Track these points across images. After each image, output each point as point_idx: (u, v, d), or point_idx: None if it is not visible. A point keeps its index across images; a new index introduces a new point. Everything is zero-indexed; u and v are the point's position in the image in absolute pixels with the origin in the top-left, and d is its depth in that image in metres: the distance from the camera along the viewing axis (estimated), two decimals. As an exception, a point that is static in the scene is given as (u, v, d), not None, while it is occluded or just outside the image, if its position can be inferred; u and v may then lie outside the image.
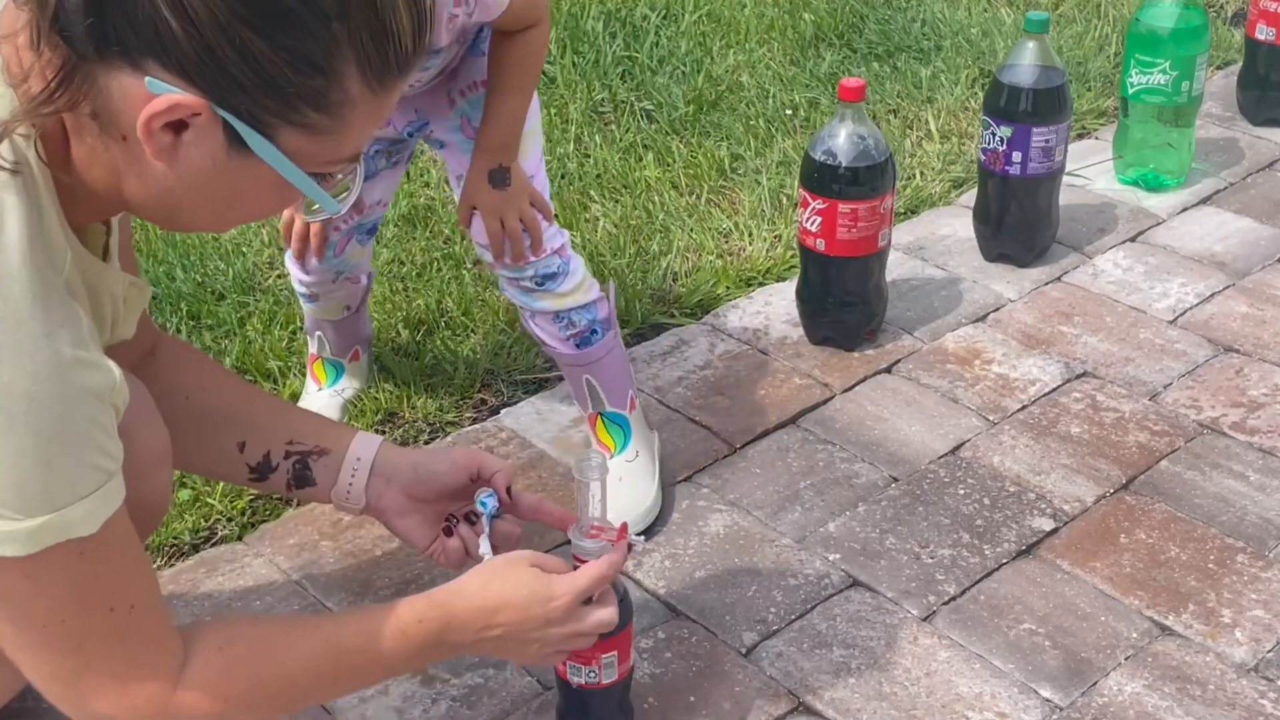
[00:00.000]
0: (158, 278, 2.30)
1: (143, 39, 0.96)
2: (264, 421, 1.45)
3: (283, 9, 0.96)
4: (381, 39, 1.02)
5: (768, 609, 1.71)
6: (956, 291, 2.34)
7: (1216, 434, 2.00)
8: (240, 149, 1.02)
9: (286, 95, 1.00)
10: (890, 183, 2.09)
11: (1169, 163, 2.59)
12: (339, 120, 1.04)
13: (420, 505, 1.46)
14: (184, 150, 1.01)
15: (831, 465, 1.95)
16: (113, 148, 1.03)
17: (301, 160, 1.05)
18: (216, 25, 0.95)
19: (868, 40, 3.15)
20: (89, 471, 1.04)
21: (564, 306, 1.78)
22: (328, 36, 0.99)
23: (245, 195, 1.08)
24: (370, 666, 1.28)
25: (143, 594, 1.14)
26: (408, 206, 2.52)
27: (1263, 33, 2.77)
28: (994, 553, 1.79)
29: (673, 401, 2.08)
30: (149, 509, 1.35)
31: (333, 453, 1.45)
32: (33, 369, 0.99)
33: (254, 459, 1.44)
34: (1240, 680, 1.60)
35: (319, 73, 1.00)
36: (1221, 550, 1.79)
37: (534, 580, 1.31)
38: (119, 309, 1.19)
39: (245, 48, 0.96)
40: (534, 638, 1.31)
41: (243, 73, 0.98)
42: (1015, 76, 2.27)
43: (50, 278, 1.03)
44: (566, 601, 1.31)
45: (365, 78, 1.03)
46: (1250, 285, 2.34)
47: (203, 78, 0.98)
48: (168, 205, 1.08)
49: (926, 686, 1.60)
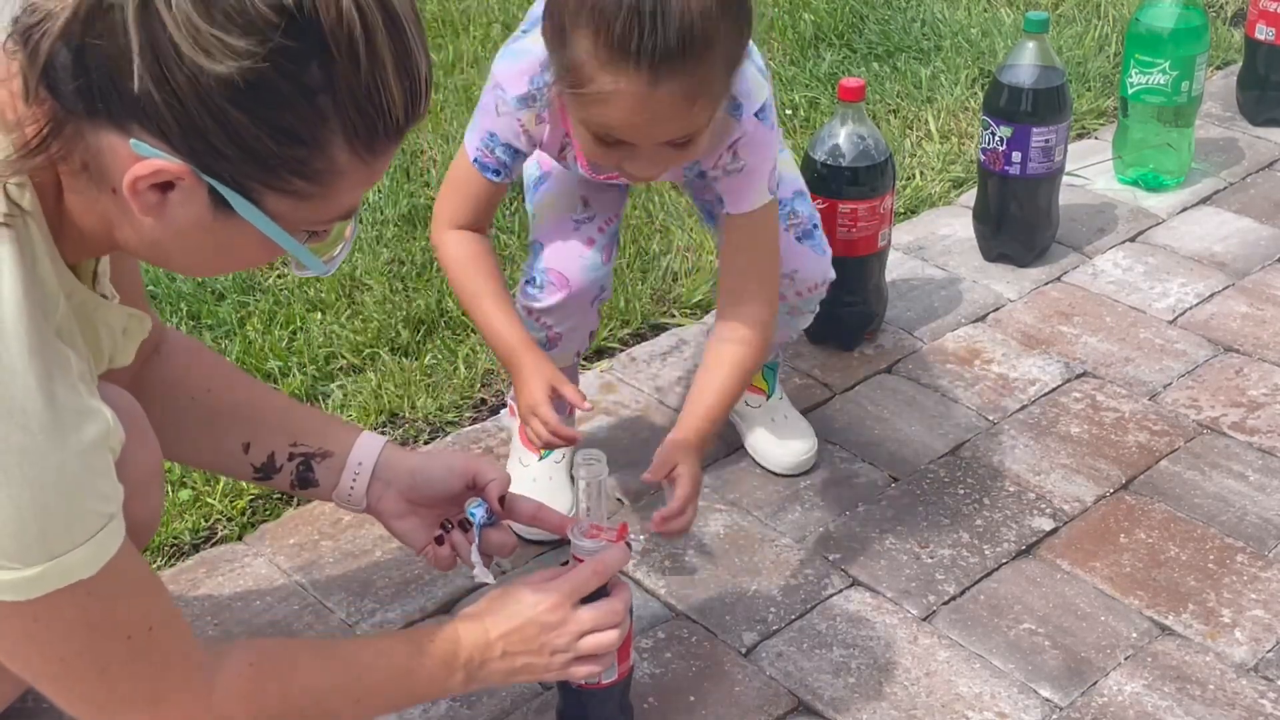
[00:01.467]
0: (158, 277, 2.30)
1: (127, 104, 0.96)
2: (269, 422, 1.46)
3: (265, 83, 0.95)
4: (370, 112, 1.00)
5: (768, 609, 1.71)
6: (956, 291, 2.34)
7: (1216, 434, 2.00)
8: (226, 210, 1.02)
9: (270, 165, 0.99)
10: (890, 183, 2.09)
11: (1169, 163, 2.60)
12: (326, 187, 1.03)
13: (418, 508, 1.47)
14: (171, 209, 1.01)
15: (831, 465, 1.95)
16: (103, 199, 1.03)
17: (287, 222, 1.04)
18: (196, 97, 0.95)
19: (868, 40, 3.15)
20: (86, 518, 1.04)
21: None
22: (311, 110, 0.98)
23: (233, 250, 1.08)
24: (395, 687, 1.29)
25: (159, 614, 1.14)
26: (408, 206, 2.52)
27: (1263, 33, 2.77)
28: (994, 553, 1.79)
29: (673, 401, 2.08)
30: (142, 525, 1.36)
31: (336, 454, 1.46)
32: (24, 422, 0.99)
33: (259, 460, 1.44)
34: (1240, 680, 1.60)
35: (302, 145, 0.99)
36: (1221, 550, 1.79)
37: (526, 594, 1.34)
38: (118, 340, 1.19)
39: (226, 120, 0.96)
40: (539, 645, 1.32)
41: (224, 143, 0.97)
42: (1015, 76, 2.27)
43: (43, 327, 1.02)
44: (552, 601, 1.32)
45: (353, 147, 1.01)
46: (1250, 285, 2.34)
47: (186, 145, 0.97)
48: (159, 253, 1.08)
49: (926, 686, 1.60)
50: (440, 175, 2.62)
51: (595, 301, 1.75)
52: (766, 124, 1.58)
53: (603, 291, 1.75)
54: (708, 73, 1.35)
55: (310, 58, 0.96)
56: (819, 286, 1.85)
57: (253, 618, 1.70)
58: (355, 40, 0.97)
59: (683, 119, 1.38)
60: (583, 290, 1.71)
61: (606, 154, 1.45)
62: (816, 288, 1.85)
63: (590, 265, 1.71)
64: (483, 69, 2.99)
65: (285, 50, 0.95)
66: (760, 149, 1.58)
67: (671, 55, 1.30)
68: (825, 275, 1.85)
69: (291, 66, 0.95)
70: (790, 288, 1.81)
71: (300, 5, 0.94)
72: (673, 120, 1.38)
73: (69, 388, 1.03)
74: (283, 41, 0.94)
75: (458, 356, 2.15)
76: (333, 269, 1.12)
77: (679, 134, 1.41)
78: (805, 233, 1.81)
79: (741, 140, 1.56)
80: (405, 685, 1.30)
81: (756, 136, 1.57)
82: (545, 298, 1.71)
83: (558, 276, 1.70)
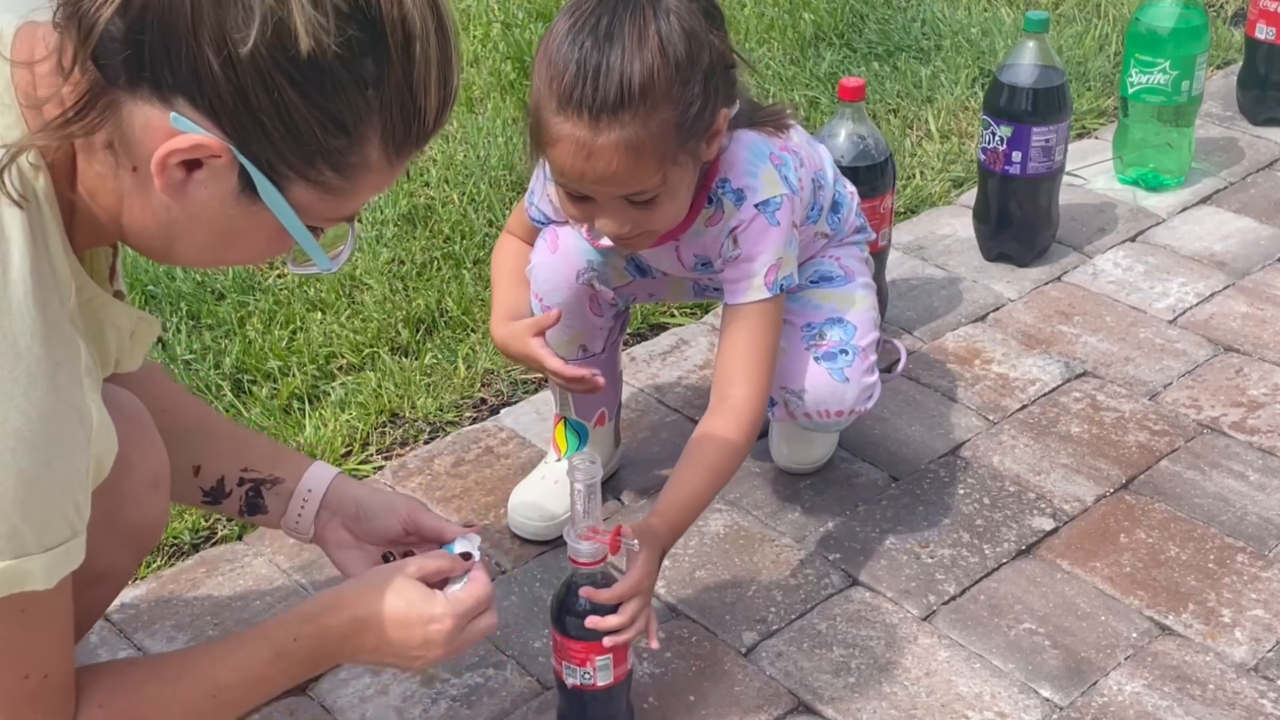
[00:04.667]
0: (157, 276, 2.30)
1: (179, 76, 0.96)
2: (220, 447, 1.45)
3: (325, 68, 0.97)
4: (409, 112, 1.02)
5: (768, 609, 1.71)
6: (956, 291, 2.34)
7: (1216, 434, 2.00)
8: (249, 194, 1.02)
9: (309, 151, 1.01)
10: (890, 182, 2.09)
11: (1169, 162, 2.59)
12: (351, 181, 1.04)
13: (362, 543, 1.45)
14: (193, 188, 1.01)
15: (831, 465, 1.95)
16: (122, 176, 1.03)
17: (305, 214, 1.05)
18: (257, 74, 0.96)
19: (868, 40, 3.15)
20: (60, 523, 1.03)
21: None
22: (361, 102, 1.00)
23: (242, 238, 1.08)
24: (252, 695, 1.27)
25: (58, 664, 1.13)
26: (408, 206, 2.52)
27: (1263, 32, 2.77)
28: (994, 552, 1.79)
29: (673, 401, 2.08)
30: (145, 531, 1.35)
31: (285, 482, 1.45)
32: (25, 408, 0.99)
33: (208, 483, 1.44)
34: (1240, 680, 1.60)
35: (345, 134, 1.01)
36: (1221, 550, 1.79)
37: (414, 596, 1.27)
38: (124, 343, 1.19)
39: (281, 100, 0.97)
40: (416, 655, 1.29)
41: (273, 123, 0.98)
42: (1015, 76, 2.27)
43: (55, 311, 1.02)
44: (449, 626, 1.27)
45: (386, 146, 1.03)
46: (1250, 285, 2.34)
47: (231, 122, 0.98)
48: (165, 238, 1.08)
49: (926, 686, 1.60)
50: (440, 175, 2.63)
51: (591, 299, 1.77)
52: (770, 219, 1.60)
53: (603, 295, 1.78)
54: (650, 129, 1.43)
55: (369, 51, 0.98)
56: (833, 414, 1.74)
57: (252, 618, 1.70)
58: (412, 41, 0.99)
59: (629, 171, 1.45)
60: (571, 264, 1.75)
61: (575, 209, 1.54)
62: (829, 414, 1.74)
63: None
64: (483, 69, 2.99)
65: (351, 40, 0.97)
66: (758, 241, 1.61)
67: (609, 107, 1.41)
68: (843, 403, 1.73)
69: (353, 57, 0.97)
70: (799, 408, 1.74)
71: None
72: (619, 171, 1.45)
73: (74, 380, 1.02)
74: (351, 31, 0.96)
75: (458, 356, 2.15)
76: (337, 266, 1.13)
77: (630, 189, 1.48)
78: (828, 355, 1.73)
79: (740, 228, 1.61)
80: (265, 692, 1.27)
81: (755, 227, 1.60)
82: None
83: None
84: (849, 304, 1.77)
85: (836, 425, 1.79)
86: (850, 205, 1.84)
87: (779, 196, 1.60)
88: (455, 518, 1.86)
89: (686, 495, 1.56)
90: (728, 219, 1.61)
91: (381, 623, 1.27)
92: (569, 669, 1.46)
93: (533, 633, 1.68)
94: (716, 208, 1.61)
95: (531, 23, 3.10)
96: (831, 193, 1.79)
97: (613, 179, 1.46)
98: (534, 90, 1.47)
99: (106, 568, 1.34)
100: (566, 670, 1.46)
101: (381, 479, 1.93)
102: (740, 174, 1.60)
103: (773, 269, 1.61)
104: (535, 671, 1.62)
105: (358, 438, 1.99)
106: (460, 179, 2.56)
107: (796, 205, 1.63)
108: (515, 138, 2.66)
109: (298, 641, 1.26)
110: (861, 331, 1.75)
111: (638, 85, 1.41)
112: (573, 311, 1.76)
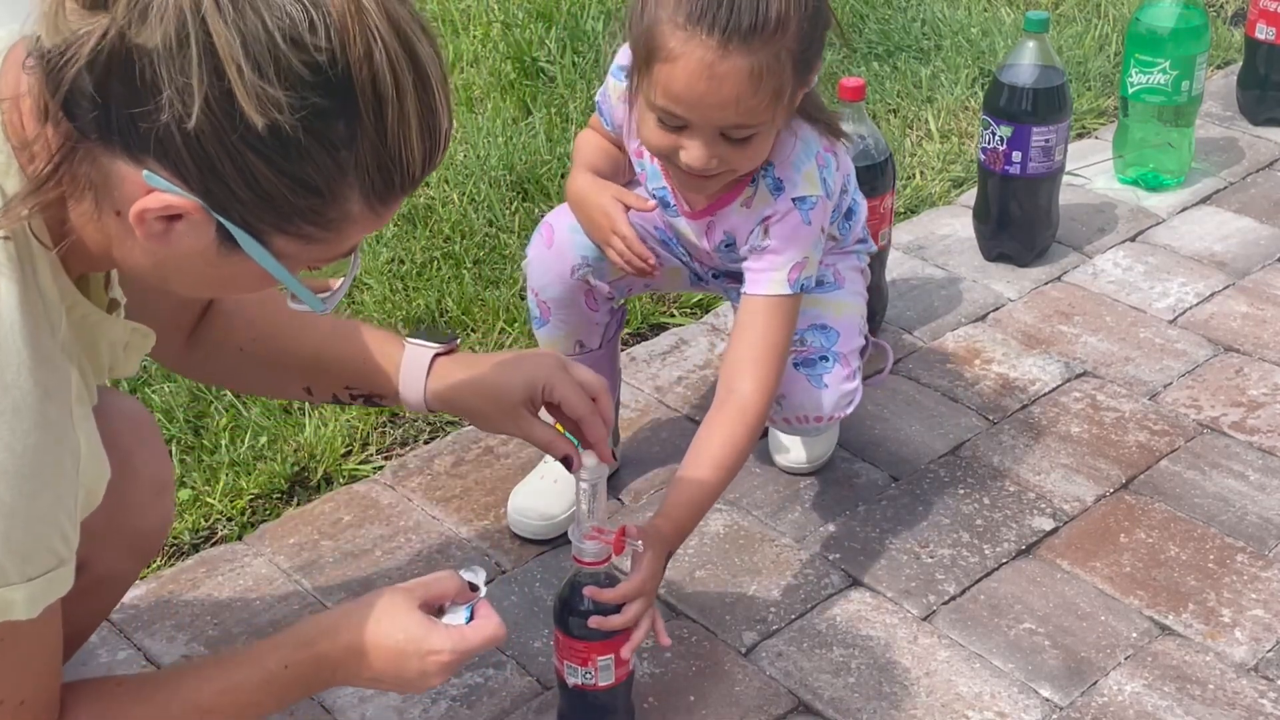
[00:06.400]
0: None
1: (145, 139, 0.95)
2: (318, 370, 1.48)
3: (286, 138, 0.94)
4: (389, 168, 1.00)
5: (768, 609, 1.71)
6: (956, 291, 2.34)
7: (1216, 433, 2.00)
8: (231, 244, 1.01)
9: (283, 212, 0.99)
10: (890, 182, 2.09)
11: (1169, 162, 2.59)
12: (335, 232, 1.03)
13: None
14: (175, 238, 1.00)
15: (831, 465, 1.95)
16: (106, 220, 1.02)
17: (292, 261, 1.04)
18: (219, 142, 0.94)
19: (868, 40, 3.15)
20: (44, 553, 1.03)
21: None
22: (332, 164, 0.97)
23: (233, 281, 1.07)
24: (241, 718, 1.25)
25: (37, 692, 1.12)
26: (408, 206, 2.52)
27: (1263, 32, 2.77)
28: (994, 552, 1.79)
29: (672, 401, 2.08)
30: (148, 536, 1.35)
31: (387, 397, 1.48)
32: (10, 441, 0.98)
33: (324, 397, 1.51)
34: (1240, 680, 1.60)
35: (318, 196, 0.99)
36: (1221, 550, 1.79)
37: (413, 627, 1.25)
38: (119, 355, 1.18)
39: (246, 166, 0.95)
40: (412, 683, 1.27)
41: (240, 188, 0.96)
42: (1015, 76, 2.27)
43: (45, 342, 1.02)
44: (447, 661, 1.25)
45: (367, 199, 1.01)
46: (1250, 285, 2.34)
47: (200, 185, 0.96)
48: (158, 275, 1.07)
49: (926, 686, 1.60)
50: (440, 175, 2.62)
51: (587, 292, 1.77)
52: (804, 217, 1.60)
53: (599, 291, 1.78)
54: (774, 59, 1.41)
55: (339, 115, 0.96)
56: (811, 420, 1.75)
57: (252, 617, 1.70)
58: (385, 101, 0.97)
59: (743, 101, 1.43)
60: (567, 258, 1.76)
61: (665, 139, 1.50)
62: (807, 420, 1.75)
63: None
64: (482, 69, 2.98)
65: (315, 107, 0.94)
66: (789, 235, 1.60)
67: (742, 30, 1.39)
68: (820, 409, 1.73)
69: (319, 123, 0.95)
70: (777, 412, 1.75)
71: (334, 62, 0.94)
72: (733, 99, 1.42)
73: (63, 411, 1.02)
74: (314, 99, 0.94)
75: (458, 356, 2.15)
76: (329, 307, 1.10)
77: (736, 120, 1.45)
78: (806, 360, 1.73)
79: (774, 219, 1.60)
80: (255, 714, 1.26)
81: (789, 222, 1.60)
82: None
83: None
84: (834, 310, 1.77)
85: (816, 430, 1.80)
86: (860, 216, 1.83)
87: (814, 197, 1.60)
88: (455, 518, 1.86)
89: (692, 494, 1.55)
90: (761, 206, 1.60)
91: (378, 653, 1.24)
92: (571, 669, 1.46)
93: (533, 633, 1.68)
94: (755, 190, 1.61)
95: (531, 23, 3.10)
96: (850, 200, 1.79)
97: (726, 105, 1.43)
98: (653, 8, 1.43)
99: (108, 573, 1.34)
100: (568, 670, 1.46)
101: (381, 479, 1.93)
102: (786, 164, 1.59)
103: (797, 267, 1.61)
104: (535, 671, 1.62)
105: (358, 437, 1.99)
106: (460, 179, 2.56)
107: (828, 209, 1.63)
108: (515, 138, 2.66)
109: (289, 669, 1.23)
110: (844, 338, 1.75)
111: (774, 13, 1.39)
112: (568, 307, 1.77)
